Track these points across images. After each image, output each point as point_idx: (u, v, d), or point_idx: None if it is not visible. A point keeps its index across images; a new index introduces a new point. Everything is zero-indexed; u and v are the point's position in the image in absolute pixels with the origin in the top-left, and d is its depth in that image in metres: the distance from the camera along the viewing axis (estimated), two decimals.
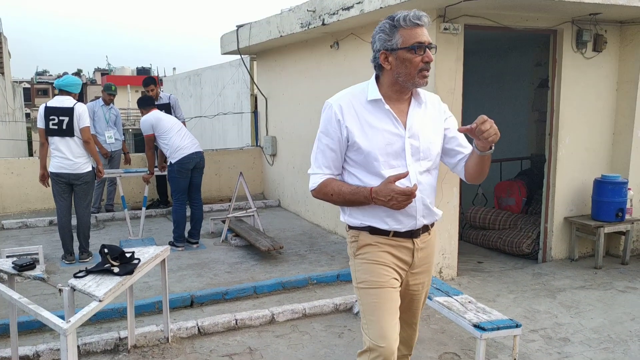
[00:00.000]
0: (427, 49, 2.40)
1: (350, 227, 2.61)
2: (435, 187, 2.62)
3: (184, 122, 8.07)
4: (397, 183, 2.35)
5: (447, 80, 5.23)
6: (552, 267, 5.94)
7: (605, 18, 5.76)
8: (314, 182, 2.57)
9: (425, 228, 2.60)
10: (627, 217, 5.99)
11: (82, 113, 5.71)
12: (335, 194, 2.51)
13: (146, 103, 6.69)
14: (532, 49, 8.01)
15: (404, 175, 2.35)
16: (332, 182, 2.54)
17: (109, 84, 8.55)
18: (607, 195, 5.85)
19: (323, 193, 2.55)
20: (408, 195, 2.32)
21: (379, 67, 2.51)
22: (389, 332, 2.47)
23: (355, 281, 2.62)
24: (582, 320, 4.57)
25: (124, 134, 8.98)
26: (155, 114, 6.49)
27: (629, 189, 5.98)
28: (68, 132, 5.65)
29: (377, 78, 2.54)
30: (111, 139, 8.14)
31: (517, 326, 3.54)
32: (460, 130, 2.47)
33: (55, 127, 5.63)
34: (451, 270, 5.59)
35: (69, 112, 5.63)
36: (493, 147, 2.45)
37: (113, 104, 8.37)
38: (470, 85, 6.48)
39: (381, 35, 2.45)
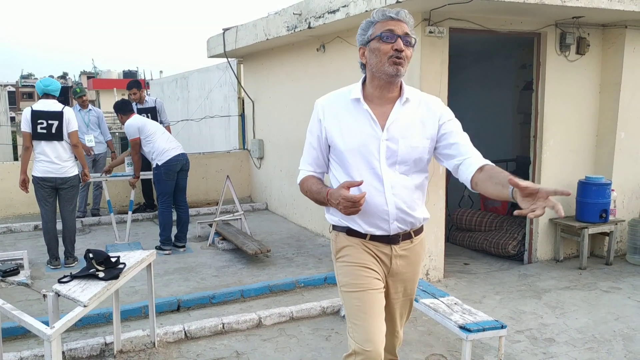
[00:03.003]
0: (399, 38, 2.34)
1: (333, 228, 2.63)
2: (417, 191, 2.52)
3: (168, 127, 8.05)
4: (378, 188, 2.41)
5: (432, 83, 5.26)
6: (537, 268, 5.99)
7: (587, 21, 5.83)
8: (299, 177, 2.65)
9: (407, 235, 2.55)
10: (610, 218, 6.06)
11: (71, 117, 5.70)
12: (308, 192, 2.57)
13: (125, 108, 6.57)
14: (517, 51, 8.08)
15: (358, 183, 2.31)
16: (308, 180, 2.58)
17: (75, 88, 8.42)
18: (591, 196, 5.91)
19: (302, 190, 2.63)
20: (353, 203, 2.26)
21: (363, 67, 2.50)
22: (374, 336, 2.44)
23: (338, 284, 2.60)
24: (567, 321, 4.62)
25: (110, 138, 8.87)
26: (138, 119, 6.44)
27: (612, 190, 6.05)
28: (57, 136, 5.61)
29: (366, 79, 2.52)
30: (91, 142, 8.02)
31: (503, 327, 3.57)
32: (511, 183, 2.06)
33: (44, 131, 5.59)
34: (438, 272, 5.61)
35: (58, 116, 5.60)
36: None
37: (94, 105, 8.28)
38: (455, 88, 6.53)
39: (359, 32, 2.47)
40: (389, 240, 2.52)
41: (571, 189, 6.17)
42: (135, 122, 6.35)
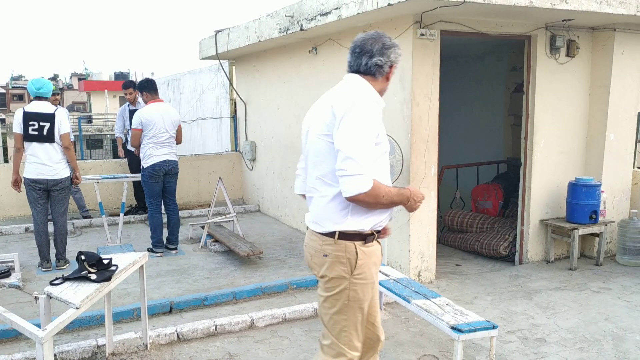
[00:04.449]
0: None
1: (340, 238, 2.55)
2: None
3: None
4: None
5: (423, 85, 5.29)
6: (528, 269, 6.03)
7: (577, 24, 5.88)
8: (368, 183, 2.39)
9: None
10: (600, 219, 6.11)
11: (63, 119, 5.69)
12: (386, 196, 2.47)
13: (151, 87, 6.43)
14: (508, 54, 8.14)
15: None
16: (380, 184, 2.48)
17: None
18: (581, 197, 5.96)
19: (375, 195, 2.42)
20: (424, 199, 2.74)
21: (379, 74, 2.65)
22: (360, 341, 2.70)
23: (346, 299, 2.59)
24: (558, 321, 4.65)
25: (102, 140, 8.84)
26: (150, 114, 6.25)
27: (602, 191, 6.10)
28: (49, 138, 5.59)
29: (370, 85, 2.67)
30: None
31: (494, 327, 3.59)
32: None
33: (35, 132, 5.57)
34: (430, 273, 5.64)
35: (50, 118, 5.58)
36: None
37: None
38: (446, 91, 6.57)
39: (398, 51, 2.67)
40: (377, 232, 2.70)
41: (561, 190, 6.23)
42: (141, 117, 6.25)
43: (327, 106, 2.55)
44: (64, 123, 5.69)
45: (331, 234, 2.55)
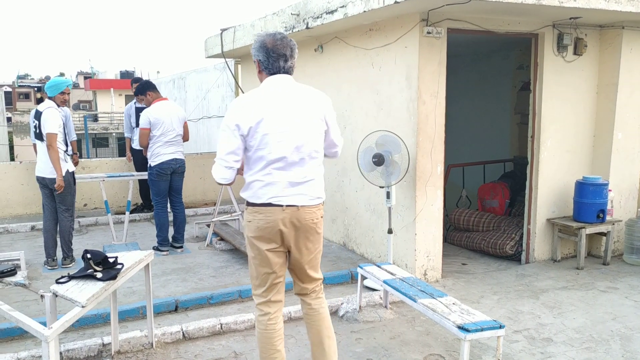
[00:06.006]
0: None
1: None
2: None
3: None
4: None
5: (430, 83, 5.27)
6: (535, 268, 6.00)
7: (585, 22, 5.84)
8: None
9: None
10: (607, 218, 6.07)
11: (47, 118, 5.51)
12: None
13: (151, 86, 6.44)
14: (514, 52, 8.10)
15: None
16: None
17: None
18: (588, 196, 5.92)
19: None
20: None
21: (292, 73, 3.17)
22: None
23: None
24: (565, 321, 4.62)
25: (107, 138, 8.85)
26: (158, 112, 6.22)
27: (610, 190, 6.06)
28: (40, 136, 5.65)
29: None
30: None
31: (501, 327, 3.57)
32: None
33: (35, 130, 5.72)
34: (435, 272, 5.62)
35: (39, 116, 5.62)
36: None
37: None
38: (453, 89, 6.54)
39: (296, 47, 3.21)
40: None
41: (569, 189, 6.19)
42: (149, 115, 6.21)
43: (316, 106, 3.12)
44: (48, 122, 5.51)
45: (322, 201, 3.22)
